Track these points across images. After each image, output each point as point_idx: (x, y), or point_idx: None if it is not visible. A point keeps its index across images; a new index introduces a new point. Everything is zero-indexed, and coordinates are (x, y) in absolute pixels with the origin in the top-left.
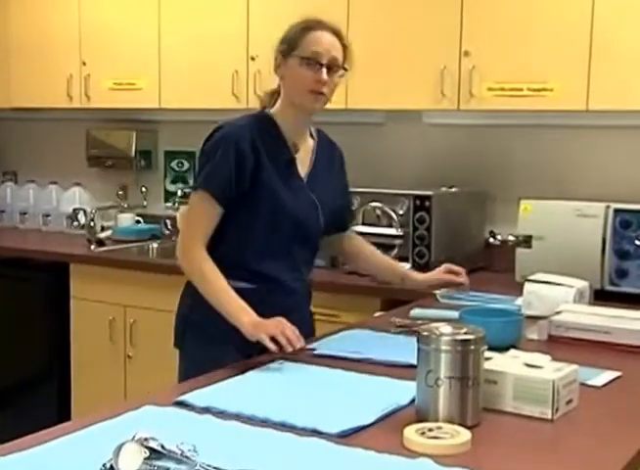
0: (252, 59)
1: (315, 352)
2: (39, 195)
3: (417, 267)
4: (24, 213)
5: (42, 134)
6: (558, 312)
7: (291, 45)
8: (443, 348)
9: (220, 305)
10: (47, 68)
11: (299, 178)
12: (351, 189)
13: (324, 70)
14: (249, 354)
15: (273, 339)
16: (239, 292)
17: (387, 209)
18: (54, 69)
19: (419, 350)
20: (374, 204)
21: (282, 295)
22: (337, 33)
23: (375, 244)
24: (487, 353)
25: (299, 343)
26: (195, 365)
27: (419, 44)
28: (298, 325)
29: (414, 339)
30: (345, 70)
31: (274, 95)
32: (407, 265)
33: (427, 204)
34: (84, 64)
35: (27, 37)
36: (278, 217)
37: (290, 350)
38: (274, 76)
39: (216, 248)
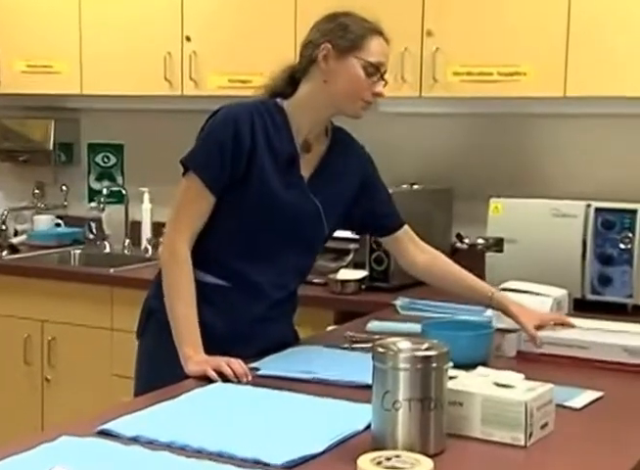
0: (188, 39)
1: (258, 373)
2: None
3: (376, 275)
4: None
5: None
6: None
7: (356, 44)
8: (401, 366)
9: (176, 320)
10: None
11: (300, 177)
12: None
13: (382, 82)
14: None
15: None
16: (207, 287)
17: None
18: None
19: (374, 368)
20: None
21: (257, 301)
22: (388, 42)
23: (327, 249)
24: (452, 372)
25: (247, 378)
26: (149, 358)
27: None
28: (274, 340)
29: (370, 356)
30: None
31: (291, 82)
32: (362, 273)
33: None
34: None
35: None
36: (270, 214)
37: (235, 381)
38: (238, 60)
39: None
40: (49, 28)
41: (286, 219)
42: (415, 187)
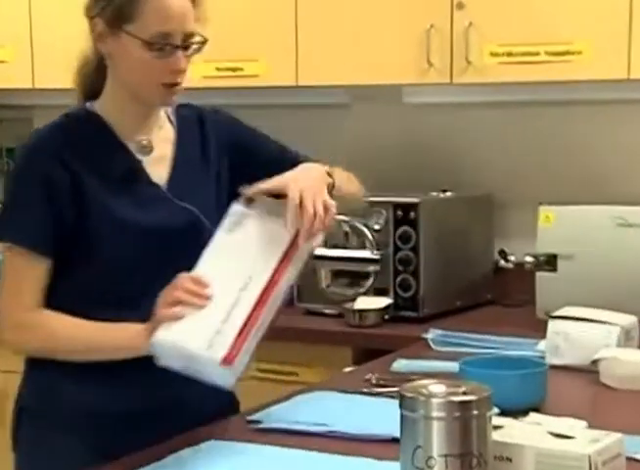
0: None
1: (261, 426)
2: None
3: (401, 303)
4: None
5: None
6: (596, 361)
7: (123, 13)
8: (435, 414)
9: (96, 348)
10: None
11: (153, 186)
12: None
13: (179, 53)
14: (105, 453)
15: None
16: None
17: (357, 223)
18: None
19: (402, 417)
20: (339, 217)
21: (145, 363)
22: None
23: (342, 272)
24: (498, 420)
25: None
26: (30, 462)
27: None
28: (194, 413)
29: (397, 403)
30: (204, 42)
31: (94, 77)
32: (385, 301)
33: (412, 215)
34: None
35: None
36: (131, 247)
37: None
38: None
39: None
40: None
41: (154, 246)
42: (447, 194)
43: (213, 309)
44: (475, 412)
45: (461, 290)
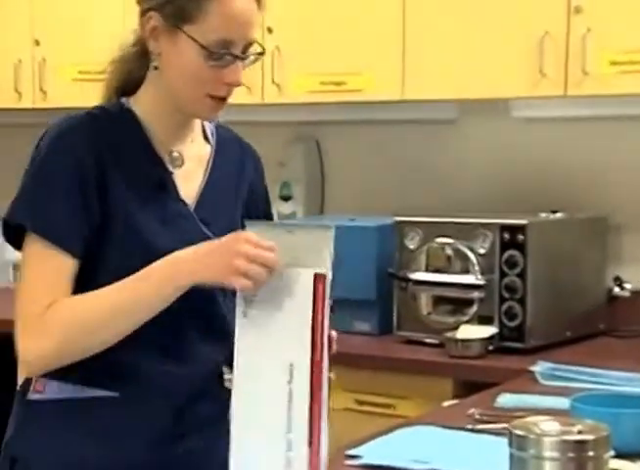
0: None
1: (362, 462)
2: None
3: (507, 333)
4: None
5: None
6: None
7: (182, 12)
8: (547, 454)
9: (130, 306)
10: None
11: (180, 203)
12: (407, 218)
13: (239, 64)
14: None
15: None
16: (77, 406)
17: (460, 246)
18: None
19: (511, 457)
20: (441, 240)
21: (164, 409)
22: None
23: (443, 299)
24: (615, 463)
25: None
26: None
27: (506, 3)
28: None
29: (504, 441)
30: (262, 53)
31: (130, 74)
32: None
33: (520, 238)
34: None
35: None
36: (139, 266)
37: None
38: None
39: None
40: None
41: None
42: (558, 215)
43: (272, 422)
44: (591, 453)
45: (571, 319)
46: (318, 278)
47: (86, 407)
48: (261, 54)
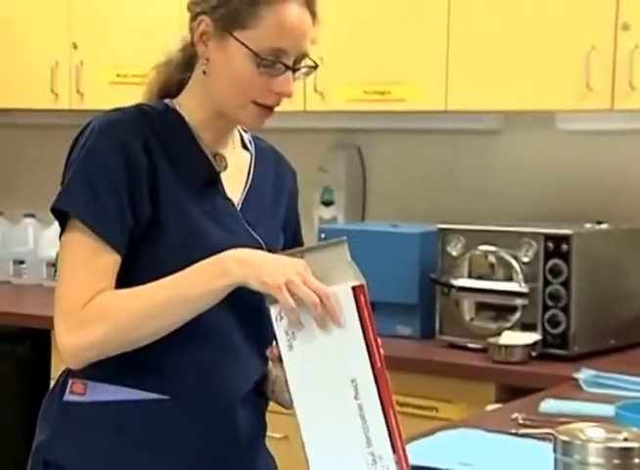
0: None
1: None
2: (9, 233)
3: (551, 340)
4: None
5: (12, 147)
6: None
7: (235, 17)
8: (592, 460)
9: (178, 299)
10: None
11: (228, 201)
12: (452, 226)
13: (289, 75)
14: None
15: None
16: (126, 410)
17: (504, 254)
18: None
19: (556, 462)
20: (485, 247)
21: (218, 413)
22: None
23: (486, 305)
24: None
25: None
26: None
27: (554, 17)
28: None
29: (548, 446)
30: (315, 67)
31: (175, 78)
32: (533, 337)
33: (564, 247)
34: None
35: None
36: (189, 263)
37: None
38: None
39: None
40: None
41: None
42: (602, 226)
43: (350, 442)
44: (636, 461)
45: (615, 328)
46: (357, 290)
47: (124, 413)
48: (314, 68)
